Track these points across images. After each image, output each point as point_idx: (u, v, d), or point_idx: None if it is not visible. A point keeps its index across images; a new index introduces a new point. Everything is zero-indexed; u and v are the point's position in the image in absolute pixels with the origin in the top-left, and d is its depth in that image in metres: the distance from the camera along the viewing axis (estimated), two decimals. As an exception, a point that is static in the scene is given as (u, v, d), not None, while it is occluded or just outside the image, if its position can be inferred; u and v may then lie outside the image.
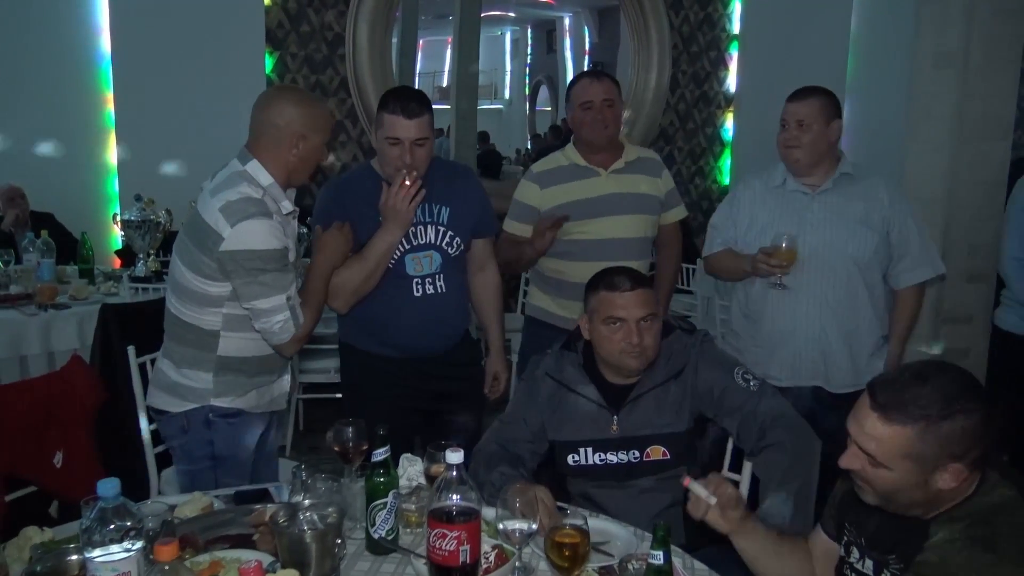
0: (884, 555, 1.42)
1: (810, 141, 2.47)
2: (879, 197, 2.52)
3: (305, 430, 4.40)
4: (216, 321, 2.08)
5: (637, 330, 1.86)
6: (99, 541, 1.23)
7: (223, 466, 2.15)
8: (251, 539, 1.60)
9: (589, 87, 2.73)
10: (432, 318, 2.39)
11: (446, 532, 1.40)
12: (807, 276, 2.49)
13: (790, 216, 2.55)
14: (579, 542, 1.47)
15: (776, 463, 1.81)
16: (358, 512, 1.69)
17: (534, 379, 2.02)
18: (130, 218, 3.77)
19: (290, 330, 2.06)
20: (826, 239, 2.50)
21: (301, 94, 2.19)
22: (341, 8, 5.29)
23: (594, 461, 1.93)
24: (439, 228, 2.38)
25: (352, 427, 1.78)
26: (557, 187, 2.74)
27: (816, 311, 2.52)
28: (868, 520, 1.47)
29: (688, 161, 6.35)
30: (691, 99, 6.26)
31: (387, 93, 2.32)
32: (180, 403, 2.14)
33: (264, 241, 1.98)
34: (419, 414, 2.48)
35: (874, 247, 2.49)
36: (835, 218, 2.51)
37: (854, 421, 1.36)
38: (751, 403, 1.85)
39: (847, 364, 2.53)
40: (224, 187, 2.02)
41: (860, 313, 2.53)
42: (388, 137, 2.25)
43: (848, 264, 2.49)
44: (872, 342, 2.57)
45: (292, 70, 5.28)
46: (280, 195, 2.09)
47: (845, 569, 1.53)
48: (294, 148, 2.07)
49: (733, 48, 6.30)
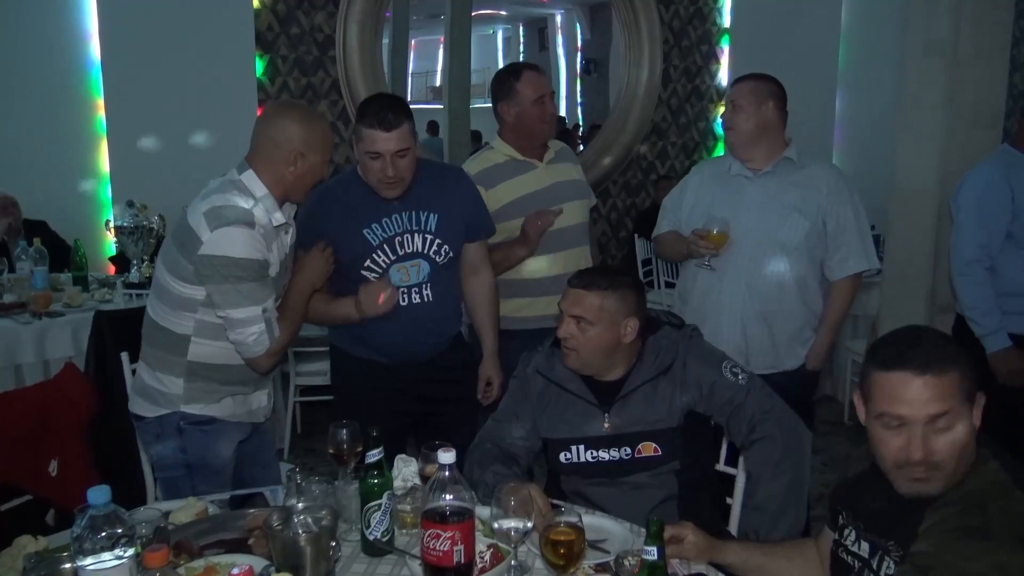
0: (881, 539, 1.42)
1: (742, 121, 2.57)
2: (818, 185, 2.57)
3: (303, 432, 4.40)
4: (188, 325, 2.06)
5: (567, 326, 1.90)
6: (90, 549, 1.23)
7: (198, 474, 2.12)
8: (246, 543, 1.59)
9: (539, 80, 2.70)
10: (419, 327, 2.37)
11: (440, 532, 1.39)
12: (735, 258, 2.56)
13: (728, 199, 2.63)
14: (574, 539, 1.47)
15: (767, 456, 1.81)
16: (353, 514, 1.69)
17: (525, 377, 2.02)
18: (123, 224, 3.76)
19: (264, 343, 2.03)
20: (756, 222, 2.57)
21: (303, 112, 2.16)
22: (331, 9, 5.28)
23: (586, 458, 1.92)
24: (426, 236, 2.34)
25: (346, 429, 1.78)
26: (502, 185, 2.68)
27: (739, 292, 2.58)
28: (864, 504, 1.48)
29: (681, 156, 6.35)
30: (683, 94, 6.26)
31: (363, 104, 2.27)
32: (153, 408, 2.13)
33: (242, 250, 1.96)
34: (410, 416, 2.46)
35: (804, 234, 2.53)
36: (769, 202, 2.57)
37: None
38: (740, 397, 1.85)
39: (767, 346, 2.59)
40: (214, 193, 2.01)
41: (784, 297, 2.57)
42: (368, 151, 2.21)
43: (775, 248, 2.55)
44: (794, 327, 2.60)
45: (283, 73, 5.27)
46: (273, 207, 2.06)
47: (839, 551, 1.53)
48: (291, 166, 2.05)
49: (724, 42, 6.30)
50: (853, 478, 1.56)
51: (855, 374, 4.58)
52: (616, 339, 1.88)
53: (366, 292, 2.26)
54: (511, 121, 2.71)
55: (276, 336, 2.06)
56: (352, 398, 2.45)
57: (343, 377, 2.52)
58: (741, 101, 2.58)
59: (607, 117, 6.14)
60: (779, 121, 2.60)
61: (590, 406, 1.93)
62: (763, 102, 2.56)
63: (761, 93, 2.57)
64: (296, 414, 4.36)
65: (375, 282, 2.29)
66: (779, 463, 1.79)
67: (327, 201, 2.34)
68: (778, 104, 2.59)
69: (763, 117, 2.56)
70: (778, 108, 2.59)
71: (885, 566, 1.40)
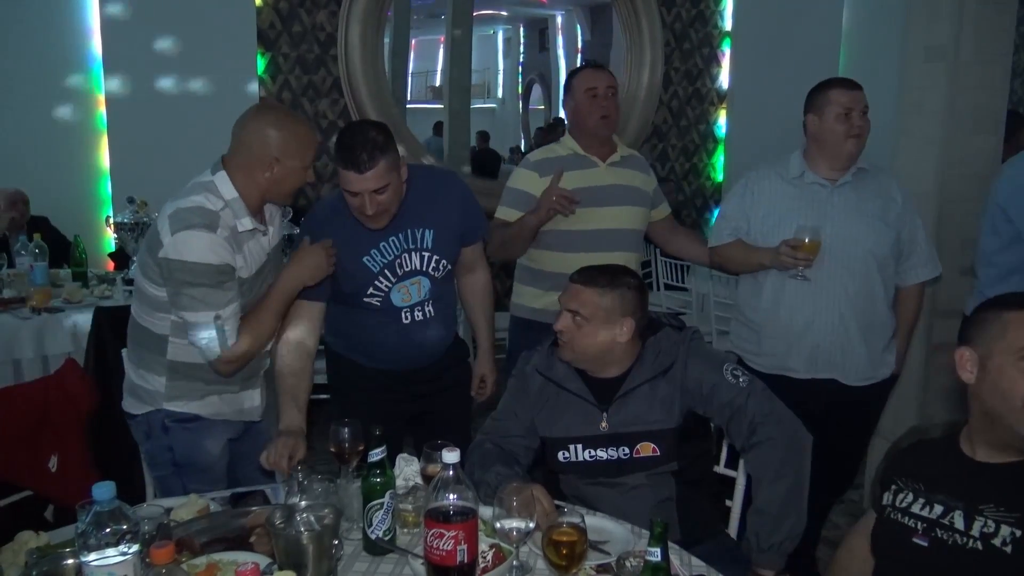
0: (952, 499, 1.48)
1: (867, 129, 2.50)
2: (893, 195, 2.56)
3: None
4: (165, 325, 2.05)
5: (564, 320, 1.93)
6: (95, 545, 1.23)
7: (187, 472, 2.11)
8: (248, 541, 1.59)
9: (594, 75, 2.77)
10: (423, 343, 2.35)
11: (443, 532, 1.40)
12: (827, 269, 2.48)
13: (810, 208, 2.53)
14: (576, 540, 1.47)
15: (768, 460, 1.81)
16: (355, 513, 1.69)
17: (524, 375, 2.02)
18: (123, 220, 3.76)
19: (214, 350, 1.97)
20: (846, 232, 2.50)
21: (282, 116, 2.08)
22: (333, 8, 5.29)
23: (584, 458, 1.92)
24: (424, 254, 2.28)
25: (348, 428, 1.78)
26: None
27: (835, 304, 2.51)
28: (925, 468, 1.56)
29: (681, 158, 6.36)
30: (684, 96, 6.27)
31: (339, 137, 2.12)
32: (140, 405, 2.13)
33: (199, 254, 1.92)
34: (406, 416, 2.45)
35: (891, 243, 2.53)
36: (855, 212, 2.52)
37: None
38: (740, 399, 1.85)
39: (864, 357, 2.54)
40: (184, 194, 1.99)
41: (876, 307, 2.55)
42: (346, 191, 2.12)
43: (867, 258, 2.50)
44: (886, 336, 2.60)
45: (284, 71, 5.28)
46: (242, 211, 2.01)
47: (892, 515, 1.57)
48: (267, 171, 2.01)
49: (725, 45, 6.31)
50: (905, 449, 1.63)
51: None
52: (611, 338, 1.89)
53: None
54: (570, 116, 2.83)
55: (229, 344, 1.98)
56: (350, 398, 2.44)
57: (339, 379, 2.50)
58: (864, 108, 2.51)
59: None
60: None
61: (589, 405, 1.93)
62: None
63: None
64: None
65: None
66: (780, 466, 1.79)
67: (324, 232, 2.22)
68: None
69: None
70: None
71: (962, 523, 1.46)
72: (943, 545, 1.46)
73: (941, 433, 1.59)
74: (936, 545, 1.47)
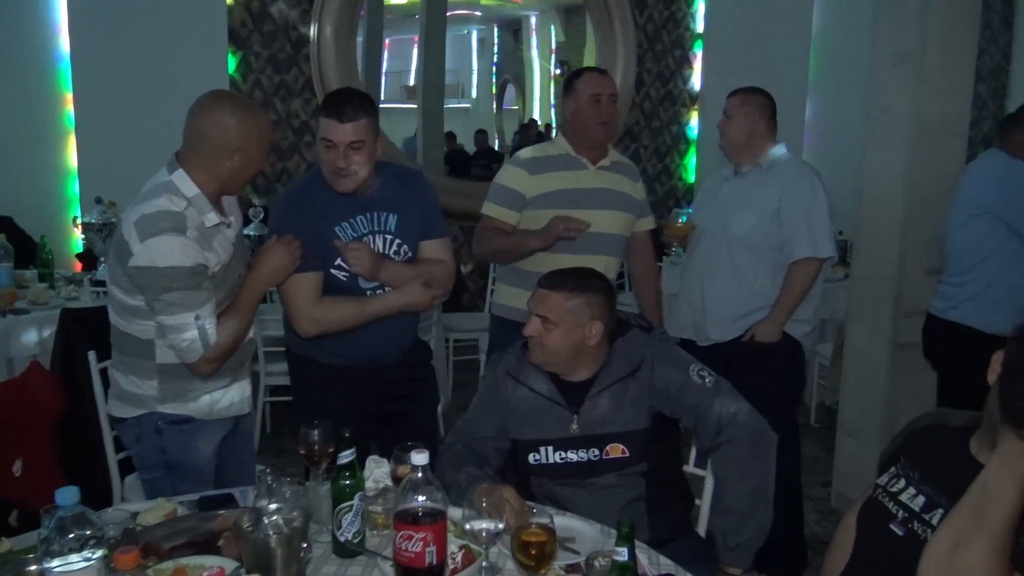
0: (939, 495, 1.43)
1: (731, 130, 2.90)
2: (775, 185, 2.84)
3: (272, 433, 4.37)
4: (148, 330, 2.03)
5: (533, 325, 1.91)
6: (58, 551, 1.22)
7: (178, 474, 2.10)
8: (216, 545, 1.58)
9: (599, 80, 2.81)
10: (385, 327, 2.35)
11: (412, 533, 1.39)
12: (698, 247, 3.00)
13: (708, 198, 3.09)
14: (545, 540, 1.48)
15: (733, 459, 1.83)
16: (324, 515, 1.68)
17: (495, 377, 2.03)
18: (91, 221, 3.71)
19: (197, 350, 1.98)
20: (716, 217, 2.94)
21: (240, 104, 2.08)
22: (305, 7, 5.26)
23: (555, 460, 1.93)
24: (387, 237, 2.33)
25: (318, 430, 1.77)
26: (547, 175, 2.75)
27: (697, 276, 2.98)
28: (929, 456, 1.49)
29: (654, 159, 6.40)
30: (656, 97, 6.31)
31: (329, 94, 2.30)
32: (130, 409, 2.11)
33: (172, 259, 1.91)
34: (374, 418, 2.43)
35: (750, 226, 2.83)
36: (729, 200, 2.93)
37: None
38: (706, 400, 1.87)
39: (713, 321, 2.92)
40: (145, 199, 1.95)
41: (734, 281, 2.87)
42: (323, 139, 2.20)
43: (728, 238, 2.87)
44: (740, 307, 2.88)
45: (255, 70, 5.24)
46: (207, 207, 2.01)
47: (879, 495, 1.54)
48: (228, 161, 1.99)
49: (697, 47, 6.36)
50: (921, 429, 1.58)
51: (822, 377, 4.65)
52: (580, 340, 1.90)
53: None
54: (569, 118, 2.83)
55: (212, 343, 1.99)
56: (315, 405, 2.39)
57: (306, 384, 2.47)
58: (732, 112, 2.91)
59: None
60: (766, 129, 2.91)
61: (559, 408, 1.94)
62: (750, 113, 2.88)
63: (749, 105, 2.89)
64: (266, 414, 4.33)
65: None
66: (746, 465, 1.81)
67: (295, 204, 2.31)
68: (765, 114, 2.90)
69: (750, 126, 2.88)
70: (765, 118, 2.90)
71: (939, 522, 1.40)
72: (915, 539, 1.42)
73: (960, 423, 1.52)
74: (909, 537, 1.44)
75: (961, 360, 2.91)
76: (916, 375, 3.38)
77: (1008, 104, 6.61)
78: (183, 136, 2.04)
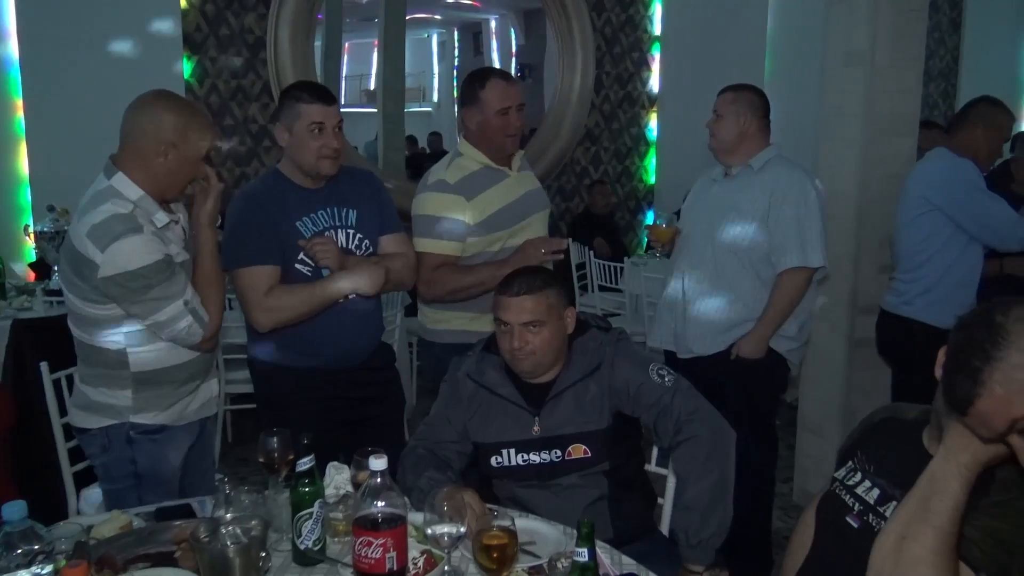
0: (893, 488, 1.44)
1: (721, 129, 2.76)
2: (765, 188, 2.69)
3: (233, 442, 4.32)
4: (119, 341, 2.01)
5: (520, 335, 1.89)
6: (5, 567, 1.19)
7: (146, 484, 2.08)
8: (172, 557, 1.56)
9: (507, 90, 2.56)
10: (349, 322, 2.35)
11: (371, 540, 1.39)
12: (681, 253, 2.86)
13: (696, 200, 2.93)
14: (507, 543, 1.48)
15: (693, 457, 1.84)
16: (284, 523, 1.67)
17: (455, 380, 2.02)
18: (43, 229, 3.64)
19: (197, 332, 2.02)
20: (699, 221, 2.82)
21: (179, 102, 2.06)
22: (261, 11, 5.20)
23: (517, 462, 1.93)
24: (348, 232, 2.36)
25: (277, 437, 1.75)
26: (482, 195, 2.55)
27: (679, 283, 2.83)
28: (883, 450, 1.52)
29: (614, 161, 6.44)
30: (615, 100, 6.35)
31: (295, 86, 2.38)
32: (99, 419, 2.07)
33: (140, 258, 1.90)
34: (342, 425, 2.41)
35: (737, 232, 2.70)
36: (717, 203, 2.79)
37: None
38: (666, 399, 1.88)
39: (695, 334, 2.79)
40: (88, 209, 1.92)
41: (718, 290, 2.74)
42: (314, 122, 2.24)
43: (713, 244, 2.75)
44: (724, 319, 2.74)
45: (212, 75, 5.17)
46: (153, 207, 1.99)
47: (837, 488, 1.56)
48: (161, 157, 1.96)
49: (655, 49, 6.41)
50: (876, 424, 1.60)
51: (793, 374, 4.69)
52: (564, 331, 1.95)
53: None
54: (473, 129, 2.60)
55: (206, 320, 2.04)
56: (282, 416, 2.21)
57: (271, 395, 2.43)
58: (722, 110, 2.77)
59: (541, 122, 6.19)
60: (758, 129, 2.76)
61: (520, 410, 1.94)
62: (741, 112, 2.73)
63: (740, 103, 2.75)
64: (226, 423, 4.28)
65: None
66: (705, 462, 1.83)
67: (252, 201, 2.31)
68: (757, 113, 2.76)
69: (741, 126, 2.73)
70: (757, 117, 2.75)
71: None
72: (871, 531, 1.44)
73: (913, 417, 1.54)
74: (864, 529, 1.46)
75: (914, 355, 2.98)
76: (873, 371, 3.44)
77: (957, 104, 6.76)
78: (120, 137, 2.01)
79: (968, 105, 3.15)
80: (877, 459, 1.53)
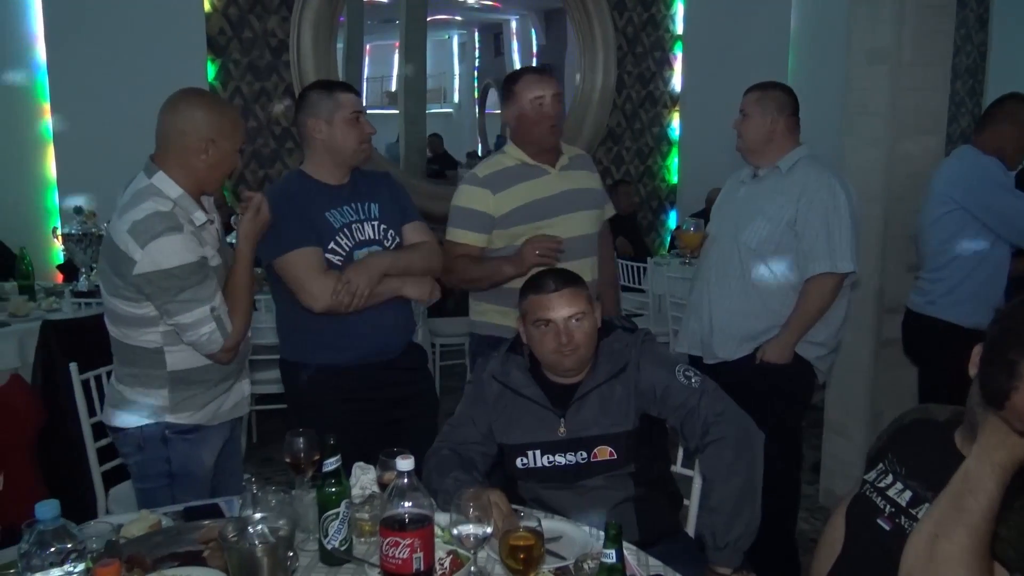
0: (925, 490, 1.42)
1: (748, 129, 2.69)
2: (793, 191, 2.60)
3: (259, 442, 4.34)
4: (156, 339, 2.03)
5: (566, 330, 1.88)
6: (39, 565, 1.21)
7: (180, 484, 2.10)
8: (201, 556, 1.57)
9: (539, 82, 2.63)
10: (385, 315, 2.37)
11: (399, 540, 1.39)
12: (708, 256, 2.80)
13: (724, 203, 2.86)
14: (533, 544, 1.47)
15: (720, 459, 1.82)
16: (311, 523, 1.67)
17: (481, 381, 2.02)
18: (71, 232, 3.68)
19: (218, 341, 2.02)
20: (726, 225, 2.76)
21: (208, 96, 2.12)
22: (284, 14, 5.24)
23: (542, 463, 1.93)
24: (374, 224, 2.41)
25: (303, 437, 1.76)
26: (511, 189, 2.61)
27: (706, 288, 2.77)
28: (915, 452, 1.50)
29: (636, 161, 6.42)
30: (637, 99, 6.33)
31: (319, 84, 2.48)
32: (135, 419, 2.09)
33: (178, 257, 1.92)
34: (376, 427, 2.41)
35: (763, 236, 2.62)
36: (744, 206, 2.73)
37: None
38: (692, 400, 1.87)
39: (720, 338, 2.72)
40: (130, 206, 1.95)
41: (744, 296, 2.67)
42: (355, 111, 2.36)
43: (740, 248, 2.68)
44: (749, 326, 2.67)
45: (235, 77, 5.22)
46: (192, 206, 2.03)
47: (867, 491, 1.54)
48: (203, 154, 2.00)
49: (677, 48, 6.39)
50: (907, 425, 1.58)
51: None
52: (596, 325, 1.96)
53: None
54: (514, 125, 2.68)
55: (229, 330, 2.04)
56: (315, 414, 2.27)
57: (303, 393, 2.43)
58: (748, 109, 2.70)
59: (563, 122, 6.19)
60: (787, 128, 2.68)
61: (546, 411, 1.94)
62: (768, 110, 2.66)
63: (767, 101, 2.67)
64: (252, 423, 4.31)
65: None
66: (732, 464, 1.81)
67: (280, 195, 2.33)
68: (784, 112, 2.67)
69: (768, 125, 2.66)
70: (785, 116, 2.67)
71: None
72: (902, 534, 1.42)
73: (945, 418, 1.52)
74: (896, 531, 1.45)
75: (939, 355, 2.94)
76: (900, 371, 3.41)
77: (985, 101, 6.68)
78: (156, 138, 2.04)
79: (995, 103, 3.11)
80: (909, 461, 1.51)
